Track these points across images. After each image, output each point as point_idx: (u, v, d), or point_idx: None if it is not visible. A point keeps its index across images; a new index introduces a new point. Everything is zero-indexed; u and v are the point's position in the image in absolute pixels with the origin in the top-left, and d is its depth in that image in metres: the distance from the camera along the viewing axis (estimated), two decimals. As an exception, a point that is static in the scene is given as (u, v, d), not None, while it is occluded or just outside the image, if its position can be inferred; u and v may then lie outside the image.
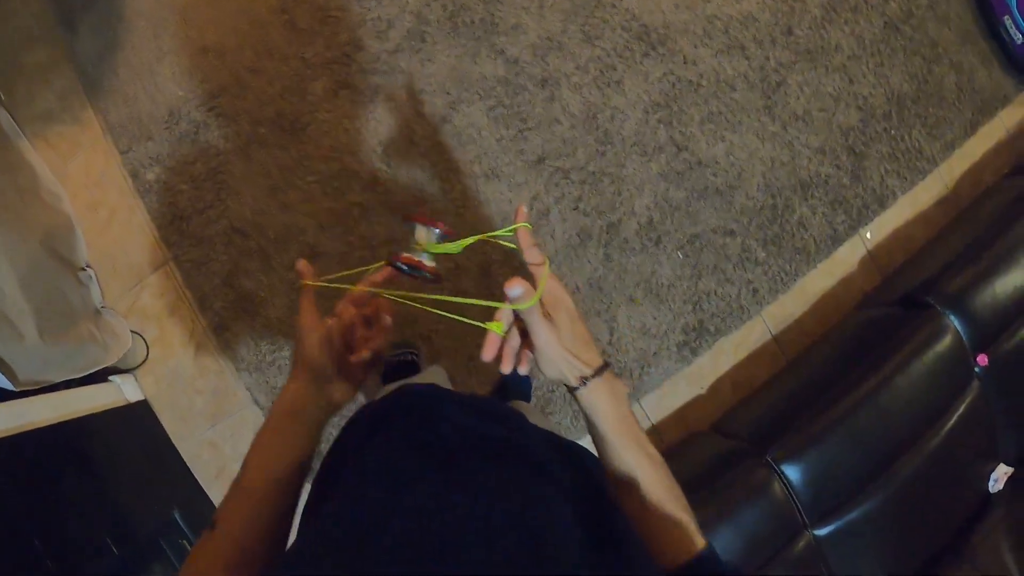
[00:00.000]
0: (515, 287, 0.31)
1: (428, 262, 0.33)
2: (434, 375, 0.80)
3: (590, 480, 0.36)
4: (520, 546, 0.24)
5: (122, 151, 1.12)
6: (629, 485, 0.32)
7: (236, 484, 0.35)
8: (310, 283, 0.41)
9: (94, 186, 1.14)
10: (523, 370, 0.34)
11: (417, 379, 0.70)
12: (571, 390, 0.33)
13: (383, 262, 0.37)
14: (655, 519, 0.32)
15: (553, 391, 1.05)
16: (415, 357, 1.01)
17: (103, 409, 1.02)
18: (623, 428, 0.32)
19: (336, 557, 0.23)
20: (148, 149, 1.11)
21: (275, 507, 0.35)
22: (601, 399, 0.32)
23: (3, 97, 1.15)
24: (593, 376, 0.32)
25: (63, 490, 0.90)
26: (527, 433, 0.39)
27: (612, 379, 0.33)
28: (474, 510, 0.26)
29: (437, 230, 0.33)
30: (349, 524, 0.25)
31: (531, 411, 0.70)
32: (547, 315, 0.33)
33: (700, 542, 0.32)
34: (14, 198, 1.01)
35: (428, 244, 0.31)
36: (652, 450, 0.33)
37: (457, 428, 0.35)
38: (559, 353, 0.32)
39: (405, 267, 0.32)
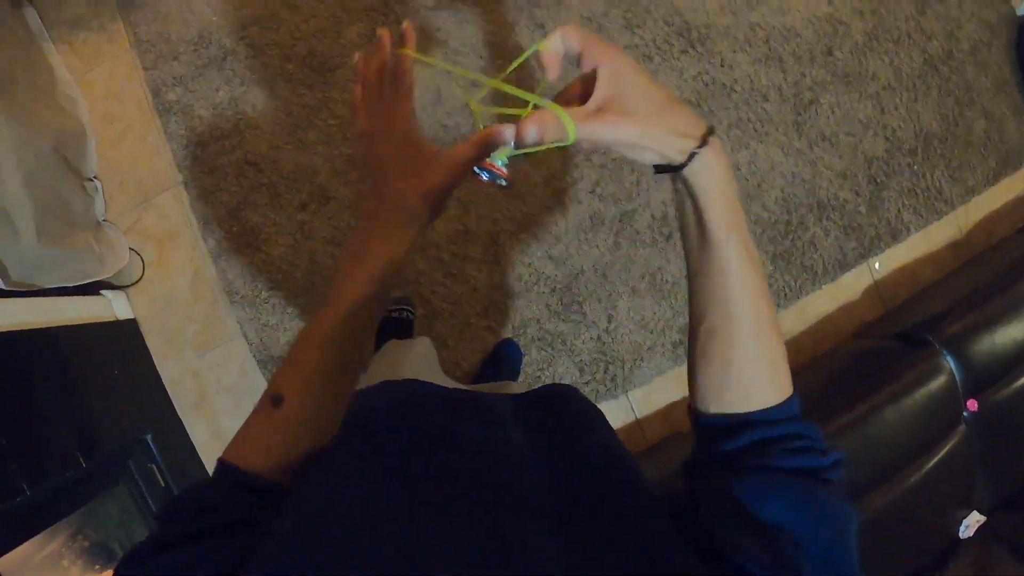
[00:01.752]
0: (526, 131, 0.23)
1: (503, 168, 0.31)
2: (422, 347, 0.79)
3: (574, 427, 0.34)
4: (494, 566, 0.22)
5: (146, 67, 1.11)
6: (721, 288, 0.25)
7: (314, 333, 0.29)
8: (412, 54, 0.33)
9: (113, 98, 1.12)
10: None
11: (409, 361, 0.68)
12: (675, 170, 0.25)
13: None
14: (741, 343, 0.25)
15: (542, 370, 1.05)
16: (410, 314, 1.01)
17: (90, 322, 1.01)
18: (732, 210, 0.25)
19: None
20: (173, 69, 1.10)
21: (348, 368, 0.29)
22: (715, 172, 0.25)
23: (34, -2, 1.13)
24: (701, 145, 0.24)
25: (38, 395, 0.89)
26: (505, 427, 0.35)
27: (719, 145, 0.25)
28: (443, 534, 0.23)
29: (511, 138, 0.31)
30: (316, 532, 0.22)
31: (516, 391, 0.69)
32: (609, 107, 0.24)
33: (787, 389, 0.27)
34: (29, 96, 1.00)
35: (503, 153, 0.30)
36: (748, 243, 0.26)
37: (435, 433, 0.31)
38: (649, 137, 0.24)
39: (485, 172, 0.30)
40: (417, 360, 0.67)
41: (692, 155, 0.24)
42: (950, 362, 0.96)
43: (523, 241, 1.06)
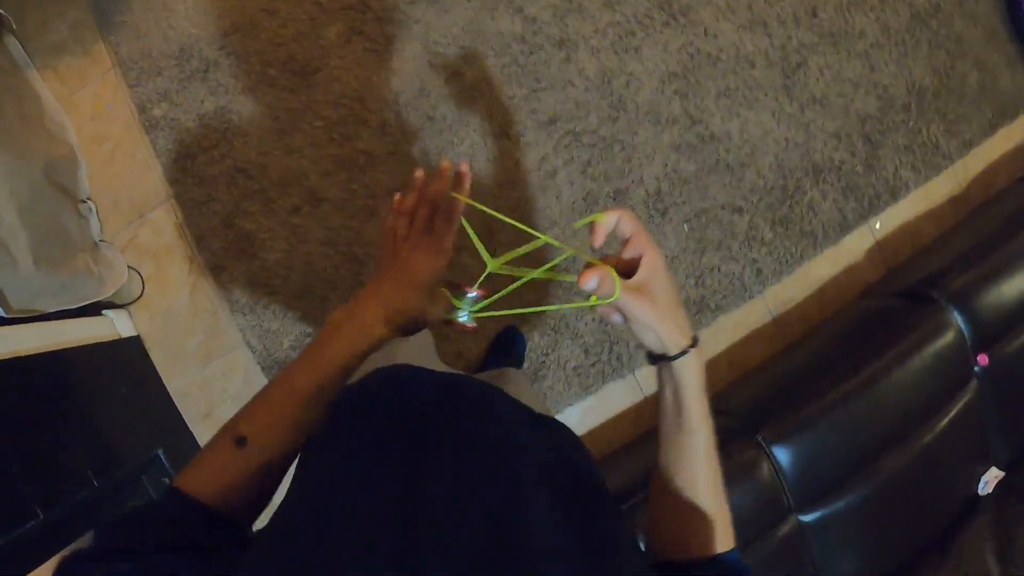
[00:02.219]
0: (590, 280, 0.28)
1: (468, 323, 0.37)
2: (417, 337, 0.78)
3: (567, 459, 0.34)
4: (489, 550, 0.22)
5: (131, 85, 1.11)
6: (689, 462, 0.32)
7: (279, 392, 0.33)
8: (462, 198, 0.39)
9: (100, 119, 1.13)
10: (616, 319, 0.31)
11: (404, 350, 0.68)
12: (664, 359, 0.31)
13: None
14: (703, 504, 0.32)
15: (546, 355, 1.04)
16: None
17: (94, 342, 1.02)
18: (703, 404, 0.31)
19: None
20: (157, 84, 1.10)
21: (310, 416, 0.33)
22: (696, 370, 0.31)
23: (15, 26, 1.14)
24: (691, 346, 0.30)
25: (48, 418, 0.89)
26: (503, 423, 0.35)
27: (699, 352, 0.31)
28: (440, 515, 0.23)
29: (472, 295, 0.36)
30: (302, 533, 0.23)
31: (518, 378, 0.69)
32: (643, 290, 0.29)
33: (732, 541, 0.32)
34: (17, 125, 1.00)
35: (463, 306, 0.35)
36: (712, 427, 0.33)
37: (428, 419, 0.31)
38: (660, 325, 0.29)
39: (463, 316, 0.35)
40: (411, 348, 0.67)
41: (684, 351, 0.30)
42: (957, 317, 0.94)
43: (515, 228, 1.05)
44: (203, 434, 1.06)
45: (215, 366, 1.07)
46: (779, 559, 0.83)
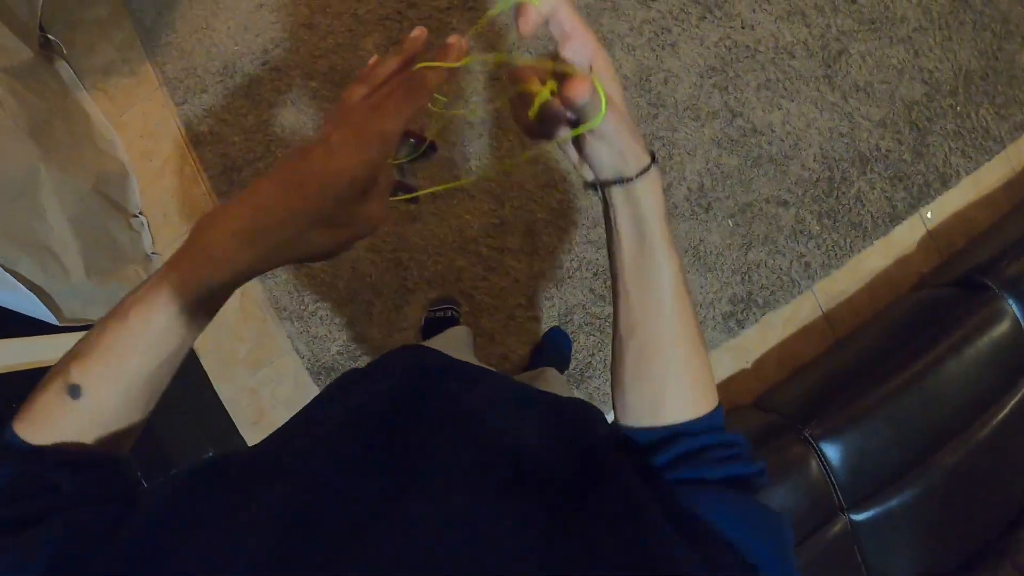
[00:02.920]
0: (582, 93, 0.22)
1: (407, 179, 0.26)
2: (452, 332, 0.78)
3: (588, 442, 0.30)
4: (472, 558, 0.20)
5: (177, 103, 1.15)
6: (655, 307, 0.26)
7: (114, 327, 0.24)
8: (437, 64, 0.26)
9: (149, 136, 1.17)
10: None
11: (437, 341, 0.68)
12: (622, 182, 0.25)
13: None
14: (673, 357, 0.26)
15: (592, 355, 1.03)
16: (455, 313, 1.01)
17: (149, 351, 1.05)
18: (668, 233, 0.26)
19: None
20: (202, 101, 1.14)
21: (156, 366, 0.25)
22: (657, 192, 0.25)
23: (64, 50, 1.19)
24: (651, 165, 0.25)
25: None
26: (515, 420, 0.32)
27: (658, 169, 0.26)
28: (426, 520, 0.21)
29: (412, 141, 0.26)
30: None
31: (553, 378, 0.68)
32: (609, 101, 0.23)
33: (714, 400, 0.27)
34: (68, 142, 1.05)
35: (401, 156, 0.25)
36: (682, 262, 0.27)
37: (439, 409, 0.30)
38: (627, 140, 0.24)
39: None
40: (441, 342, 0.66)
41: (646, 169, 0.25)
42: (1012, 305, 0.90)
43: (560, 228, 1.05)
44: (253, 438, 1.09)
45: (264, 372, 1.09)
46: (829, 561, 0.80)
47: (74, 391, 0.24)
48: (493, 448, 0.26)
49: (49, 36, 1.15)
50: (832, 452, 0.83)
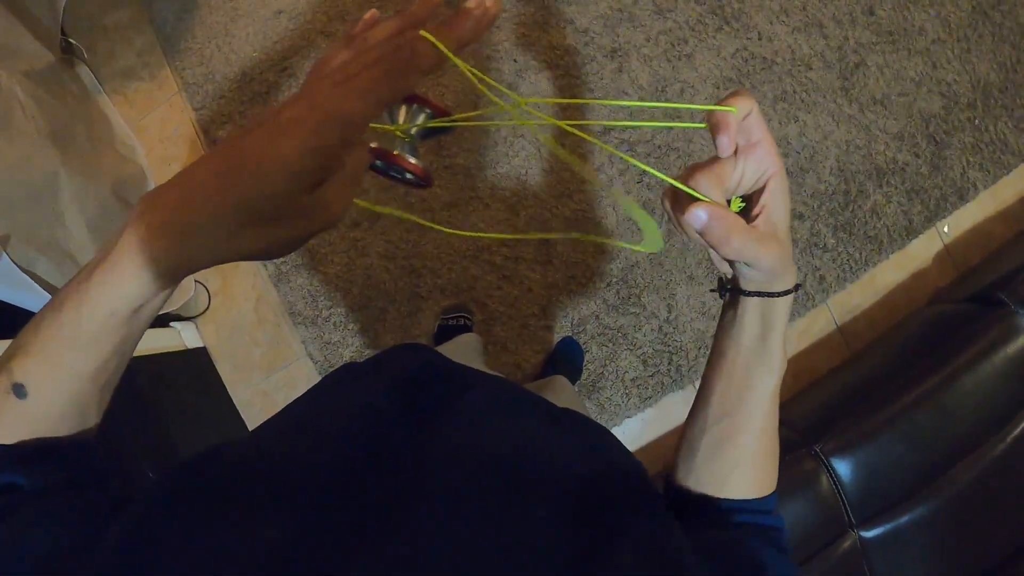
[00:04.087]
0: (696, 218, 0.20)
1: (410, 157, 0.20)
2: (462, 339, 0.78)
3: (591, 457, 0.30)
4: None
5: (196, 108, 1.16)
6: (754, 401, 0.28)
7: (49, 325, 0.22)
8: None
9: (168, 141, 1.18)
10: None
11: (447, 348, 0.68)
12: (761, 294, 0.25)
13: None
14: (755, 444, 0.28)
15: (604, 366, 1.03)
16: (468, 321, 1.01)
17: (162, 352, 1.06)
18: (783, 340, 0.27)
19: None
20: (221, 107, 1.15)
21: (95, 364, 0.22)
22: (788, 307, 0.26)
23: (86, 55, 1.21)
24: (795, 289, 0.25)
25: (115, 426, 0.93)
26: (516, 432, 0.31)
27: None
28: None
29: (428, 111, 0.21)
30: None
31: (562, 386, 0.68)
32: (765, 228, 0.23)
33: (775, 484, 0.30)
34: (87, 147, 1.06)
35: (406, 126, 0.19)
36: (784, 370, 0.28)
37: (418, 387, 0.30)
38: (780, 267, 0.23)
39: (379, 163, 0.20)
40: (451, 349, 0.66)
41: (788, 292, 0.25)
42: None
43: (572, 240, 1.05)
44: (266, 443, 1.09)
45: (278, 377, 1.10)
46: (838, 578, 0.80)
47: (19, 390, 0.22)
48: (489, 453, 0.26)
49: (71, 40, 1.16)
50: (843, 468, 0.82)
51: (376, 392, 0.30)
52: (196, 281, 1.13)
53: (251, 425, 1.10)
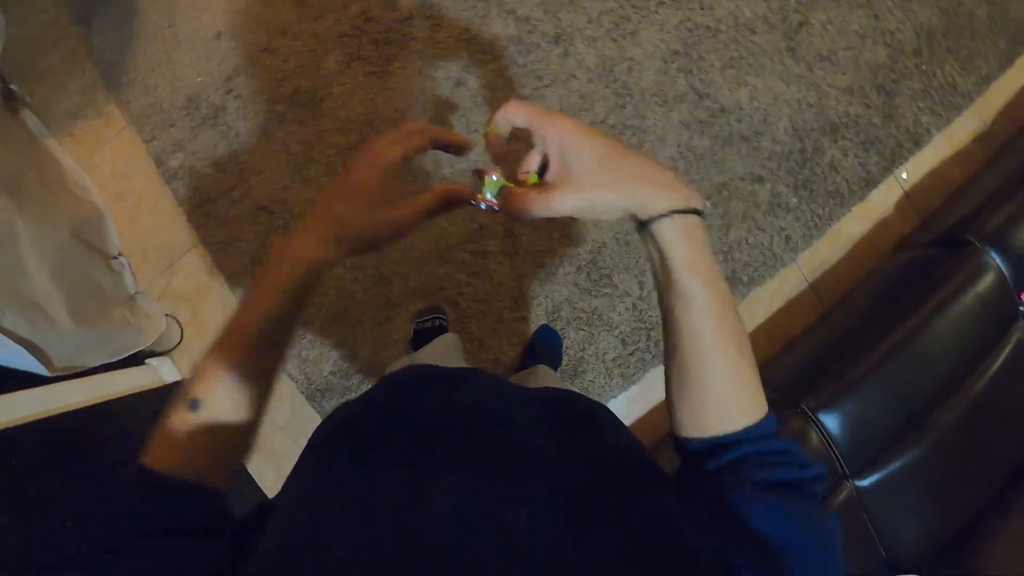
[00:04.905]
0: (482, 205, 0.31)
1: (495, 200, 0.35)
2: (441, 342, 0.78)
3: (600, 445, 0.32)
4: (492, 549, 0.22)
5: (146, 140, 1.15)
6: (693, 333, 0.27)
7: (226, 337, 0.29)
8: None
9: (121, 176, 1.16)
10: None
11: (426, 352, 0.68)
12: (638, 222, 0.27)
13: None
14: (718, 378, 0.27)
15: (583, 350, 1.04)
16: (443, 322, 1.01)
17: (140, 390, 1.04)
18: (701, 266, 0.27)
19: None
20: (171, 136, 1.13)
21: (266, 363, 0.30)
22: (679, 230, 0.26)
23: (29, 99, 1.18)
24: (674, 211, 0.26)
25: (102, 470, 0.92)
26: (506, 398, 0.35)
27: (689, 217, 0.27)
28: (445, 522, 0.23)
29: (495, 177, 0.35)
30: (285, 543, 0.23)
31: (547, 375, 0.68)
32: (560, 182, 0.27)
33: (762, 409, 0.28)
34: (41, 192, 1.04)
35: (493, 186, 0.34)
36: (719, 289, 0.28)
37: (431, 423, 0.31)
38: (600, 206, 0.26)
39: (483, 206, 0.34)
40: (430, 352, 0.66)
41: (661, 215, 0.26)
42: (995, 258, 0.91)
43: (538, 227, 1.05)
44: (257, 468, 1.08)
45: (260, 401, 1.08)
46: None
47: (193, 405, 0.28)
48: (502, 441, 0.28)
49: (11, 87, 1.14)
50: (831, 422, 0.83)
51: (371, 451, 0.29)
52: (167, 315, 1.11)
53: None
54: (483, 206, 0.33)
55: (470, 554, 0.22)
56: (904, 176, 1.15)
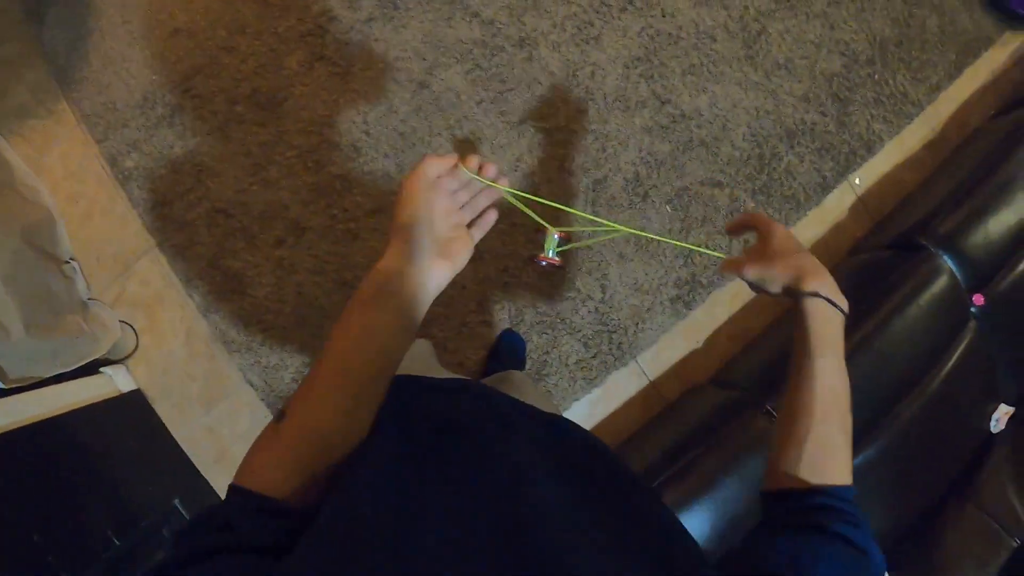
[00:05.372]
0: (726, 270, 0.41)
1: (555, 258, 0.43)
2: (416, 348, 0.78)
3: (580, 452, 0.34)
4: (503, 556, 0.22)
5: (98, 140, 1.11)
6: (806, 385, 0.34)
7: (319, 358, 0.31)
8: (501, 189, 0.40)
9: (72, 177, 1.12)
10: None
11: (404, 360, 0.68)
12: (793, 293, 0.37)
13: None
14: (816, 431, 0.33)
15: (547, 353, 1.04)
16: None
17: (96, 401, 1.01)
18: (829, 340, 0.35)
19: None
20: (125, 136, 1.10)
21: (363, 392, 0.31)
22: (821, 310, 0.35)
23: (-25, 96, 1.13)
24: (817, 295, 0.35)
25: (61, 484, 0.89)
26: (501, 405, 0.37)
27: (830, 308, 0.36)
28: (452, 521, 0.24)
29: (556, 236, 0.42)
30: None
31: (523, 381, 0.69)
32: (764, 254, 0.38)
33: (848, 477, 0.33)
34: None
35: (551, 245, 0.41)
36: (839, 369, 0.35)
37: (433, 430, 0.32)
38: (774, 276, 0.37)
39: (543, 263, 0.41)
40: (410, 360, 0.67)
41: (815, 293, 0.35)
42: (948, 261, 0.95)
43: (502, 231, 1.05)
44: (216, 477, 1.06)
45: (220, 409, 1.06)
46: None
47: (279, 415, 0.29)
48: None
49: (-47, 82, 1.09)
50: (794, 420, 0.85)
51: (382, 458, 0.29)
52: (121, 321, 1.08)
53: (199, 463, 1.06)
54: (543, 263, 0.40)
55: (475, 556, 0.22)
56: (857, 181, 1.19)
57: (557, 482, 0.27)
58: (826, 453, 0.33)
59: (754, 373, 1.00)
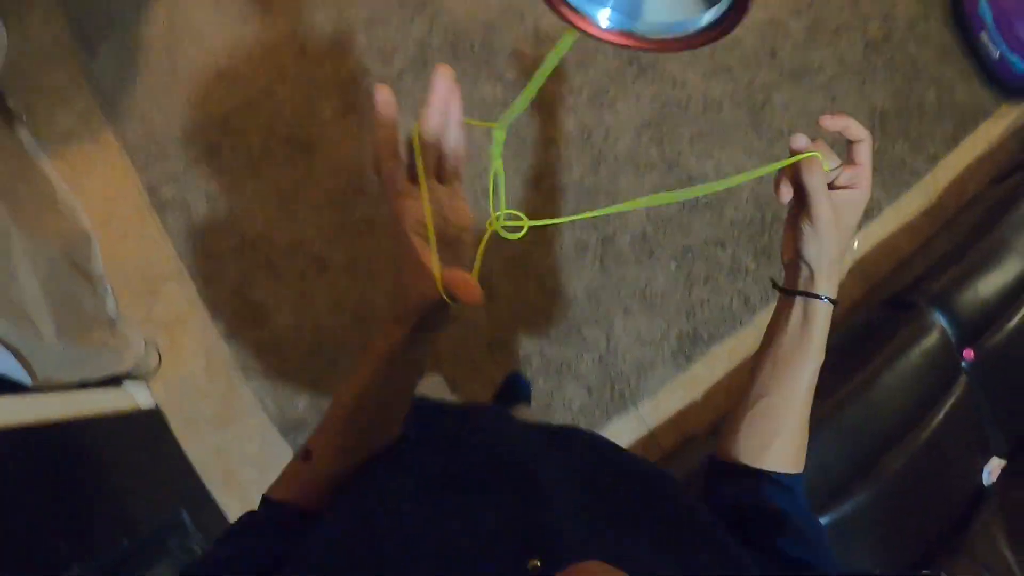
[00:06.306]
0: (801, 139, 0.34)
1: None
2: (428, 380, 0.82)
3: (601, 461, 0.34)
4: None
5: (139, 168, 1.18)
6: (792, 382, 0.34)
7: (332, 404, 0.33)
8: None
9: (111, 201, 1.19)
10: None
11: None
12: (807, 295, 0.34)
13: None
14: (790, 421, 0.34)
15: (551, 397, 1.09)
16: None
17: (115, 413, 1.05)
18: (823, 344, 0.34)
19: None
20: (164, 167, 1.16)
21: (359, 429, 0.32)
22: (828, 320, 0.34)
23: (24, 117, 1.21)
24: (835, 302, 0.34)
25: (74, 483, 0.92)
26: (516, 426, 0.38)
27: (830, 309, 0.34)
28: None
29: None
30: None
31: (530, 415, 0.73)
32: (838, 202, 0.35)
33: (801, 466, 0.35)
34: (33, 206, 1.06)
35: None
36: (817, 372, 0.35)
37: (449, 441, 0.34)
38: (830, 244, 0.33)
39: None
40: (423, 388, 0.70)
41: (833, 301, 0.34)
42: (939, 318, 0.98)
43: (515, 278, 1.10)
44: (224, 497, 1.09)
45: (232, 432, 1.10)
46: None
47: (305, 454, 0.32)
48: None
49: (8, 103, 1.16)
50: (782, 470, 0.88)
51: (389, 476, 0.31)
52: (145, 340, 1.13)
53: (208, 482, 1.10)
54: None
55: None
56: (855, 246, 1.24)
57: (573, 487, 0.28)
58: (800, 444, 0.35)
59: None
